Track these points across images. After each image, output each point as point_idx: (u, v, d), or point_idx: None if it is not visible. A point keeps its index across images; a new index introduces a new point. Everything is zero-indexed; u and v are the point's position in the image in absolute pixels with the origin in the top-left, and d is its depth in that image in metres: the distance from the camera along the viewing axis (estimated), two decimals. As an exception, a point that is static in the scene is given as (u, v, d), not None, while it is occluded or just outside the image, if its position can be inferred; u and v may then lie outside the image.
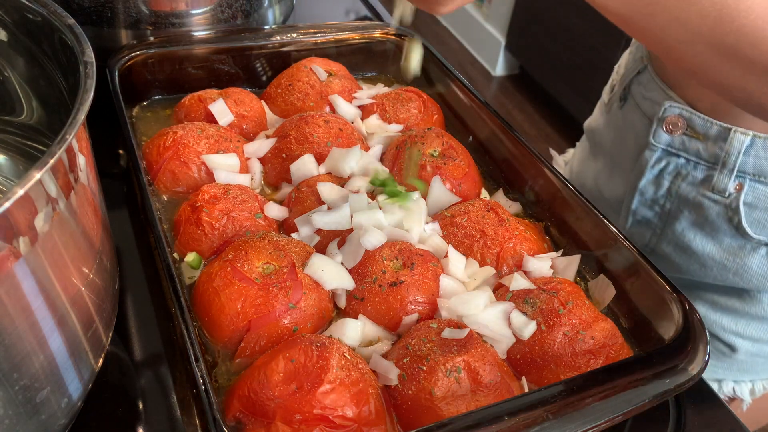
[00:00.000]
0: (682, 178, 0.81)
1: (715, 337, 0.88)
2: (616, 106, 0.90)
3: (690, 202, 0.81)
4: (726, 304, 0.85)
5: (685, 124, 0.78)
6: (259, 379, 0.50)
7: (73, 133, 0.39)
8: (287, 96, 0.86)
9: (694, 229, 0.82)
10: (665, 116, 0.79)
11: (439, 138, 0.78)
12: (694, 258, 0.83)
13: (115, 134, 0.76)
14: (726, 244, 0.80)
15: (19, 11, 0.53)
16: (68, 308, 0.43)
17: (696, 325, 0.56)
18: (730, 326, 0.86)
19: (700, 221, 0.81)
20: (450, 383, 0.52)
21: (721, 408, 0.62)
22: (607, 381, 0.51)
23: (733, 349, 0.87)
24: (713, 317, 0.87)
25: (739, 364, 0.89)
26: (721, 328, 0.87)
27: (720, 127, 0.75)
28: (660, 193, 0.83)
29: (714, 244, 0.81)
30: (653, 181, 0.83)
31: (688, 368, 0.53)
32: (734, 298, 0.85)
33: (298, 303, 0.58)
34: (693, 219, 0.82)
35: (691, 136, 0.78)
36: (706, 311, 0.87)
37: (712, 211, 0.79)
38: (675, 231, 0.84)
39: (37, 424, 0.43)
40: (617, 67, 0.95)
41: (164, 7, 0.86)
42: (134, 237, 0.72)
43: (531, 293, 0.61)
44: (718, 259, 0.81)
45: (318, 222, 0.65)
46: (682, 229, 0.83)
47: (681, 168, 0.80)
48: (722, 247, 0.80)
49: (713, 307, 0.87)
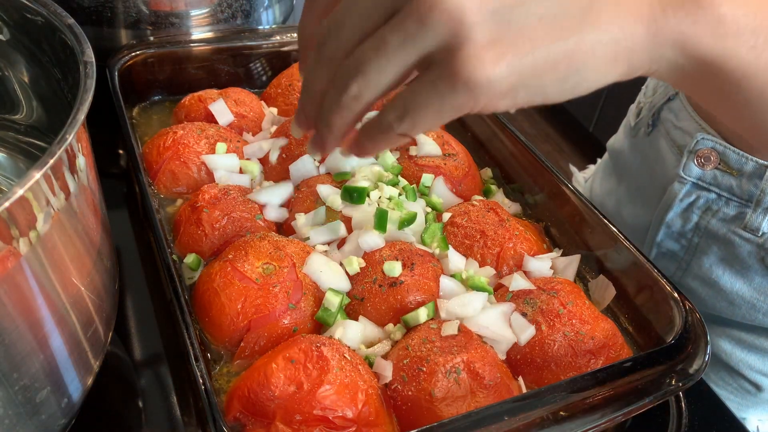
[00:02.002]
0: (713, 213, 0.77)
1: (740, 376, 0.84)
2: (644, 132, 0.86)
3: (720, 239, 0.77)
4: (754, 342, 0.82)
5: (718, 158, 0.73)
6: (258, 379, 0.50)
7: (73, 133, 0.39)
8: (287, 96, 0.86)
9: (722, 266, 0.78)
10: (697, 149, 0.74)
11: (439, 138, 0.78)
12: (722, 295, 0.80)
13: (115, 134, 0.76)
14: (757, 283, 0.77)
15: (19, 11, 0.52)
16: (68, 308, 0.43)
17: (696, 325, 0.56)
18: (757, 365, 0.83)
19: (729, 258, 0.77)
20: (450, 384, 0.52)
21: (721, 408, 0.62)
22: (607, 381, 0.51)
23: (759, 389, 0.84)
24: (740, 355, 0.83)
25: (765, 404, 0.86)
26: (747, 367, 0.83)
27: (756, 163, 0.71)
28: (688, 227, 0.80)
29: (744, 282, 0.77)
30: (681, 215, 0.80)
31: (688, 368, 0.53)
32: (763, 338, 0.81)
33: (298, 303, 0.58)
34: (722, 255, 0.78)
35: (724, 171, 0.74)
36: (733, 348, 0.84)
37: (743, 250, 0.75)
38: (702, 266, 0.80)
39: (37, 424, 0.43)
40: (644, 88, 0.91)
41: (164, 7, 0.86)
42: (134, 237, 0.72)
43: (531, 293, 0.61)
44: (747, 298, 0.78)
45: (314, 240, 0.65)
46: (710, 264, 0.79)
47: (712, 203, 0.76)
48: (752, 286, 0.77)
49: (740, 344, 0.83)
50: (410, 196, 0.69)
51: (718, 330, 0.84)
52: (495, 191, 0.79)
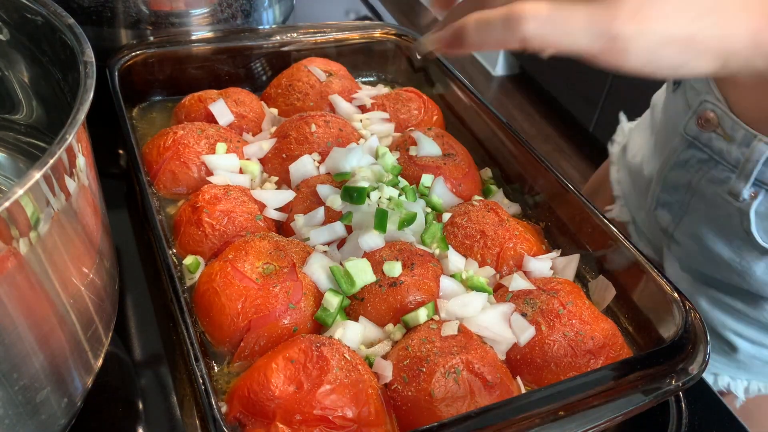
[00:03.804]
0: (703, 174, 0.80)
1: (716, 334, 0.87)
2: (671, 89, 0.90)
3: (707, 199, 0.81)
4: (731, 304, 0.85)
5: (717, 121, 0.77)
6: (259, 379, 0.50)
7: (73, 133, 0.39)
8: (287, 96, 0.86)
9: (708, 225, 0.82)
10: (700, 109, 0.78)
11: (439, 138, 0.78)
12: (706, 253, 0.83)
13: (115, 134, 0.76)
14: (735, 245, 0.80)
15: (19, 11, 0.53)
16: (68, 308, 0.43)
17: (696, 325, 0.56)
18: (732, 326, 0.86)
19: (714, 219, 0.81)
20: (449, 384, 0.52)
21: (721, 408, 0.62)
22: (607, 381, 0.51)
23: (733, 348, 0.87)
24: (717, 314, 0.86)
25: (737, 363, 0.89)
26: (723, 326, 0.87)
27: (746, 131, 0.73)
28: (682, 182, 0.84)
29: (724, 243, 0.81)
30: (678, 170, 0.84)
31: (688, 368, 0.53)
32: (738, 300, 0.84)
33: (298, 303, 0.58)
34: (708, 215, 0.82)
35: (719, 135, 0.77)
36: (711, 308, 0.87)
37: (726, 212, 0.79)
38: (692, 222, 0.85)
39: (37, 424, 0.43)
40: None
41: (164, 7, 0.86)
42: (134, 237, 0.72)
43: (531, 293, 0.61)
44: (725, 258, 0.81)
45: (314, 240, 0.65)
46: (698, 222, 0.83)
47: (704, 164, 0.80)
48: (731, 248, 0.80)
49: (718, 304, 0.86)
50: (410, 197, 0.69)
51: (701, 288, 0.87)
52: (495, 191, 0.79)
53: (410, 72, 0.98)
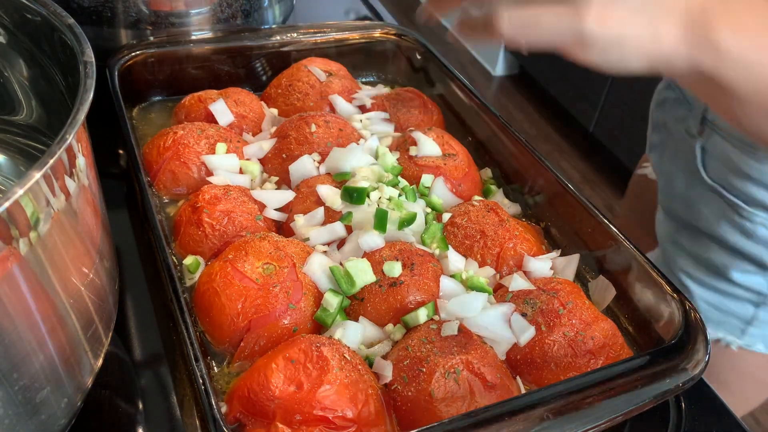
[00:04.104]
0: (674, 113, 0.90)
1: (676, 279, 0.92)
2: None
3: (675, 138, 0.90)
4: (685, 245, 0.90)
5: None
6: (259, 379, 0.50)
7: (73, 133, 0.39)
8: (287, 96, 0.86)
9: (675, 163, 0.90)
10: None
11: (439, 138, 0.78)
12: (669, 184, 0.92)
13: (115, 134, 0.76)
14: (690, 182, 0.87)
15: (19, 11, 0.53)
16: (68, 308, 0.43)
17: (696, 325, 0.56)
18: (691, 271, 0.90)
19: (678, 156, 0.89)
20: (449, 384, 0.52)
21: (721, 408, 0.62)
22: (607, 381, 0.51)
23: (689, 293, 0.90)
24: (679, 261, 0.91)
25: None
26: (681, 270, 0.91)
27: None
28: (661, 122, 0.93)
29: (680, 176, 0.89)
30: (658, 111, 0.94)
31: (688, 368, 0.53)
32: (693, 241, 0.88)
33: (298, 303, 0.58)
34: (676, 153, 0.90)
35: None
36: (671, 246, 0.93)
37: (685, 149, 0.87)
38: (667, 161, 0.93)
39: (37, 424, 0.43)
40: None
41: (164, 7, 0.86)
42: (134, 237, 0.72)
43: (531, 294, 0.61)
44: (679, 191, 0.89)
45: (314, 240, 0.65)
46: (670, 160, 0.92)
47: (675, 104, 0.90)
48: (684, 180, 0.88)
49: (675, 245, 0.91)
50: (410, 197, 0.69)
51: (662, 226, 0.95)
52: (495, 191, 0.79)
53: (410, 72, 0.98)
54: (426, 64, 0.95)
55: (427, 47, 0.94)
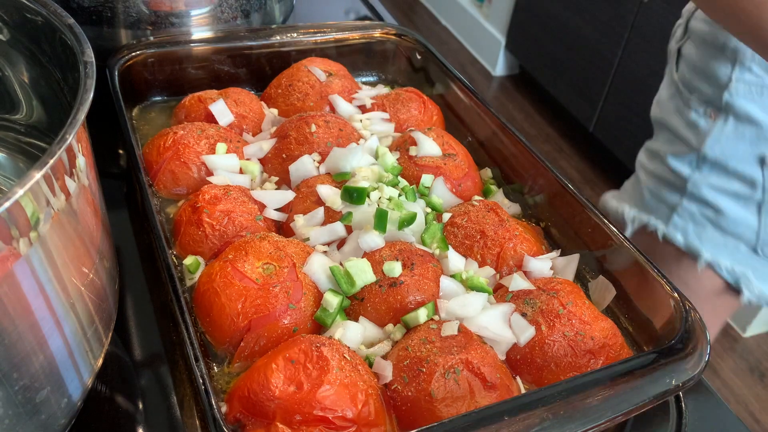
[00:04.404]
0: (671, 33, 1.06)
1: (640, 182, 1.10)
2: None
3: (669, 52, 1.07)
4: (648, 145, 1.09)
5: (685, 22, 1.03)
6: (258, 379, 0.50)
7: (73, 132, 0.39)
8: (287, 96, 0.86)
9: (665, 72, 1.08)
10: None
11: (439, 138, 0.78)
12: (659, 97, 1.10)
13: (115, 134, 0.76)
14: (666, 84, 1.05)
15: (19, 11, 0.53)
16: (68, 308, 0.43)
17: (696, 325, 0.56)
18: (642, 161, 1.11)
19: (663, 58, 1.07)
20: (449, 384, 0.52)
21: (721, 408, 0.62)
22: (607, 381, 0.51)
23: (639, 180, 1.10)
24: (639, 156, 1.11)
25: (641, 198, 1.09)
26: (638, 163, 1.11)
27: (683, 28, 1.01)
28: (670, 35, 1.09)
29: (666, 87, 1.06)
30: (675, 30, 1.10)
31: (688, 368, 0.53)
32: (653, 137, 1.07)
33: (298, 303, 0.58)
34: (664, 61, 1.08)
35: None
36: (642, 151, 1.11)
37: (671, 56, 1.04)
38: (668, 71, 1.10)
39: (37, 424, 0.43)
40: None
41: (164, 7, 0.86)
42: (134, 237, 0.72)
43: (531, 294, 0.61)
44: (664, 100, 1.06)
45: (314, 240, 0.65)
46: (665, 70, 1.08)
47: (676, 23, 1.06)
48: (665, 85, 1.06)
49: (644, 150, 1.11)
50: (410, 197, 0.69)
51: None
52: (495, 191, 0.79)
53: (410, 72, 0.98)
54: (426, 64, 0.95)
55: (427, 47, 0.94)
